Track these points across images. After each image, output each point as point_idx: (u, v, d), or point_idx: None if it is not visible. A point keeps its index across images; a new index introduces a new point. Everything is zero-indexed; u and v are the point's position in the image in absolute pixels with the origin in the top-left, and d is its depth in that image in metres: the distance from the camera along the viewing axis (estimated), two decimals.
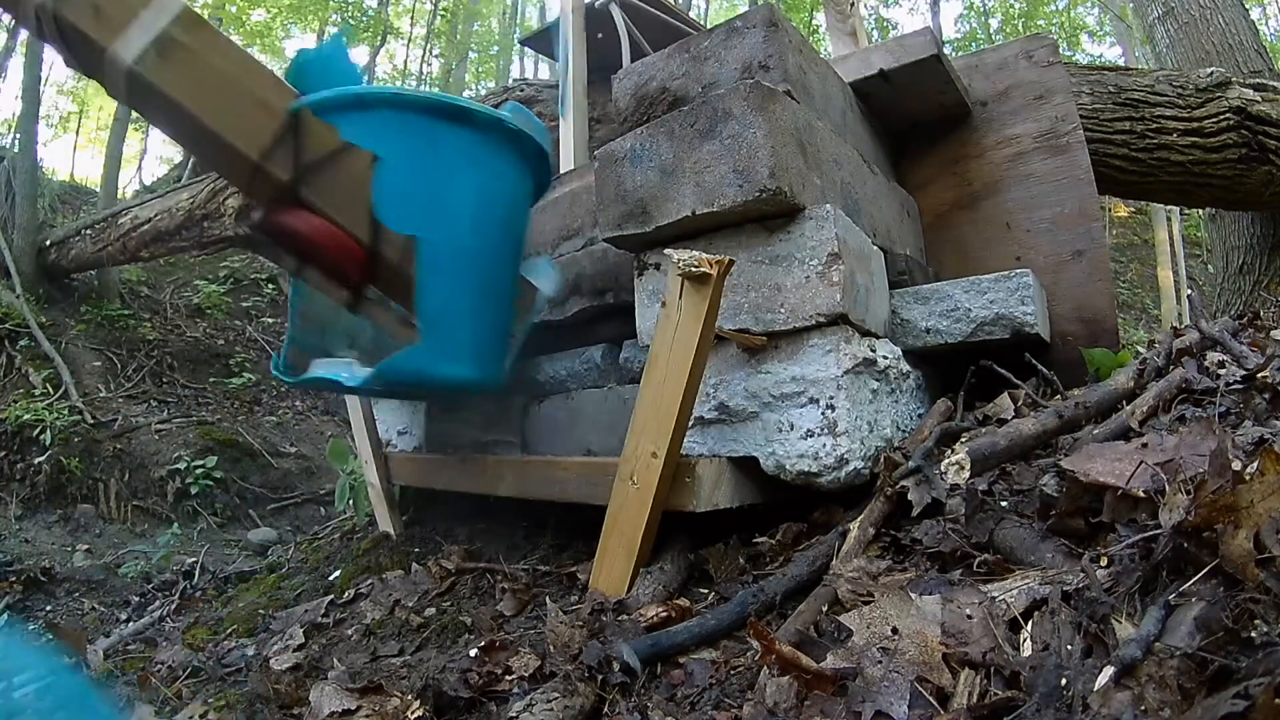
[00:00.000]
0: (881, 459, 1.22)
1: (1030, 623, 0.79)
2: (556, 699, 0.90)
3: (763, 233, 1.33)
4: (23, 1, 1.13)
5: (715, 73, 1.54)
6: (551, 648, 1.05)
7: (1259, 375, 1.22)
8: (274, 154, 1.31)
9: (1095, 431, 1.21)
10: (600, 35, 3.15)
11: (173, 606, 2.74)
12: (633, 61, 1.78)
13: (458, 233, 1.52)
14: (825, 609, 0.98)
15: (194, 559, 3.67)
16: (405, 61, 16.70)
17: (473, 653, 1.10)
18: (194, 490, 4.57)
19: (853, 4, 3.73)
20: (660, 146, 1.37)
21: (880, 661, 0.78)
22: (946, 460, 1.17)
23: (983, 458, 1.17)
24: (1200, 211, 5.47)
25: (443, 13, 15.21)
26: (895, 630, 0.82)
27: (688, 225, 1.36)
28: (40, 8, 1.12)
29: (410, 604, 1.49)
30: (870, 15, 14.59)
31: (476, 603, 1.47)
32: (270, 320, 7.17)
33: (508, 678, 1.04)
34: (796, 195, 1.27)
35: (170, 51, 1.21)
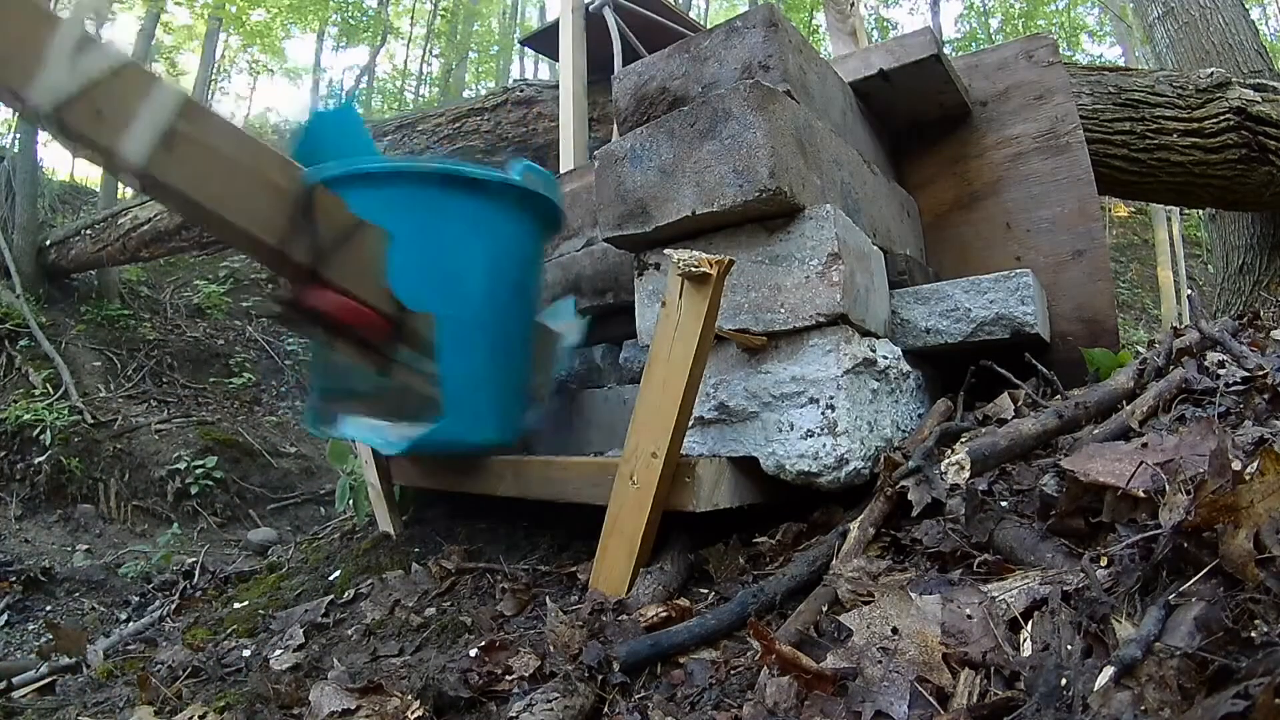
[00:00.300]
0: (881, 459, 1.23)
1: (1030, 623, 0.79)
2: (556, 699, 0.90)
3: (762, 233, 1.33)
4: (26, 105, 1.12)
5: (715, 73, 1.54)
6: (551, 648, 1.05)
7: (1259, 375, 1.22)
8: (291, 237, 1.31)
9: (1095, 431, 1.21)
10: (599, 36, 3.14)
11: (173, 606, 2.74)
12: (625, 64, 1.78)
13: (473, 305, 1.58)
14: (825, 609, 0.98)
15: (194, 559, 3.67)
16: (405, 61, 16.71)
17: (473, 653, 1.10)
18: (194, 490, 4.58)
19: (853, 4, 3.73)
20: (660, 146, 1.37)
21: (880, 661, 0.78)
22: (946, 460, 1.17)
23: (983, 458, 1.17)
24: (1200, 211, 5.47)
25: (443, 13, 15.22)
26: (895, 630, 0.82)
27: (688, 225, 1.37)
28: (46, 117, 1.10)
29: (410, 604, 1.49)
30: (870, 15, 14.60)
31: (476, 603, 1.47)
32: (270, 320, 7.17)
33: (508, 678, 1.04)
34: (796, 195, 1.27)
35: (176, 146, 1.18)
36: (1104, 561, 0.84)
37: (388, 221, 1.40)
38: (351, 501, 2.35)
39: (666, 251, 1.18)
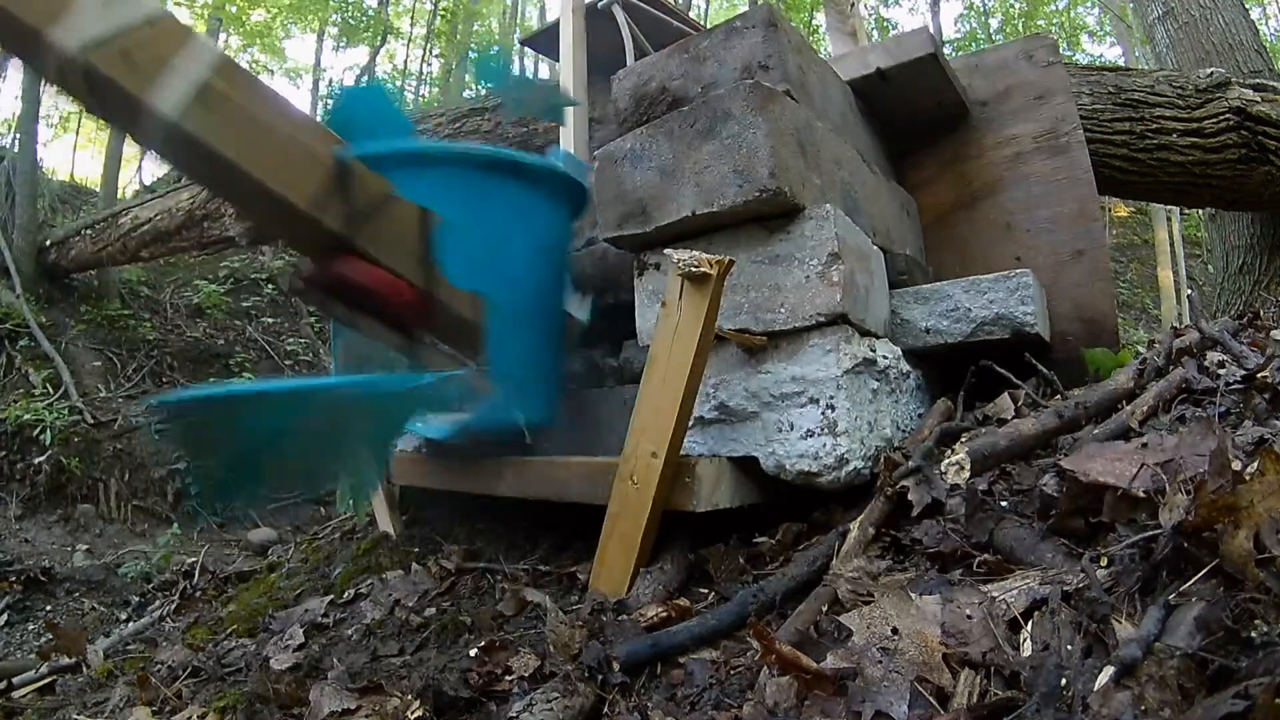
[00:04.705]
0: (881, 459, 1.22)
1: (1030, 623, 0.79)
2: (556, 699, 0.90)
3: (762, 233, 1.33)
4: (46, 55, 1.07)
5: (715, 73, 1.54)
6: (551, 648, 1.05)
7: (1259, 375, 1.22)
8: (324, 204, 1.29)
9: (1095, 431, 1.21)
10: (600, 35, 3.14)
11: (173, 606, 2.74)
12: (634, 61, 1.78)
13: (521, 285, 1.61)
14: (825, 609, 0.98)
15: (194, 559, 3.67)
16: (405, 61, 16.70)
17: (473, 653, 1.10)
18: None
19: (853, 4, 3.73)
20: (660, 147, 1.37)
21: (880, 661, 0.78)
22: (946, 460, 1.17)
23: (983, 457, 1.17)
24: (1200, 211, 5.47)
25: (443, 13, 15.21)
26: (895, 630, 0.82)
27: (688, 225, 1.36)
28: (68, 60, 1.06)
29: (410, 604, 1.49)
30: (870, 15, 14.59)
31: (476, 603, 1.47)
32: (270, 320, 7.17)
33: (508, 678, 1.04)
34: (797, 195, 1.27)
35: (211, 102, 1.15)
36: (1104, 561, 0.84)
37: (440, 203, 1.41)
38: (351, 501, 2.35)
39: (666, 251, 1.18)
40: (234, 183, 1.23)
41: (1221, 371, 1.30)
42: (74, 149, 14.92)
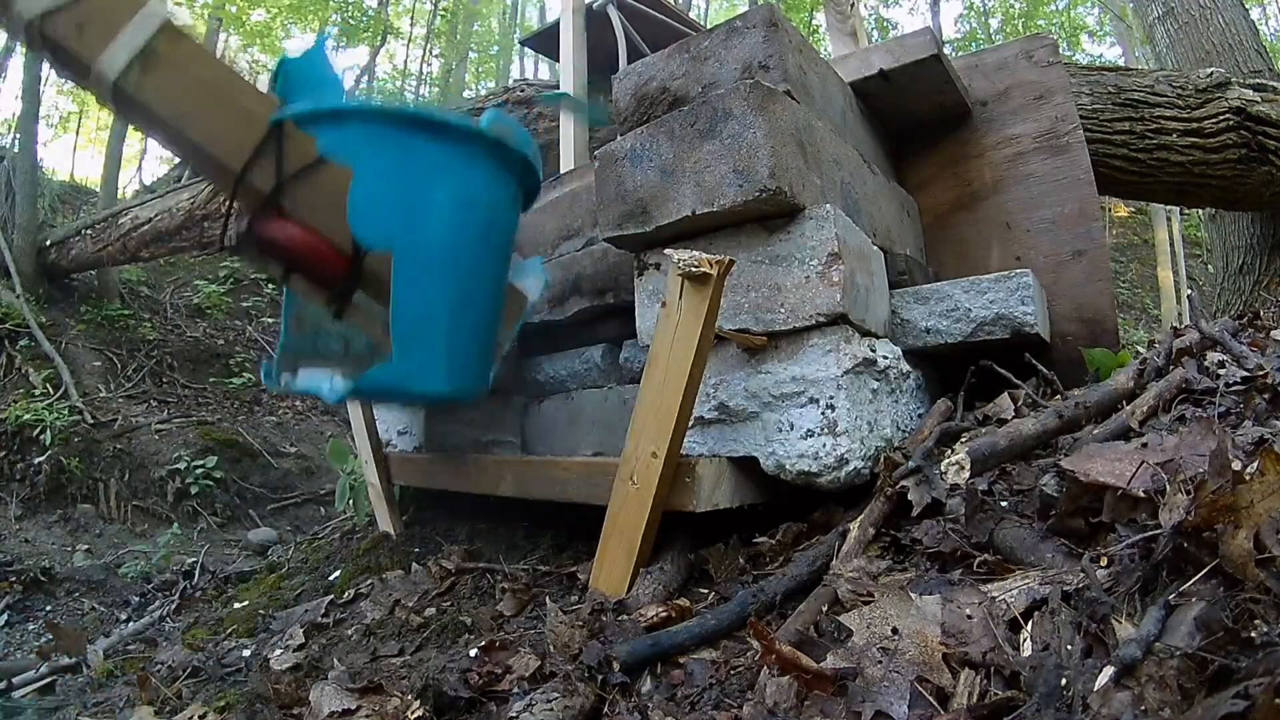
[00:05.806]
0: (881, 459, 1.23)
1: (1030, 623, 0.79)
2: (556, 699, 0.90)
3: (762, 233, 1.33)
4: (14, 19, 1.16)
5: (715, 73, 1.54)
6: (551, 648, 1.05)
7: (1259, 375, 1.22)
8: (255, 165, 1.33)
9: (1095, 431, 1.21)
10: (600, 36, 3.15)
11: (173, 606, 2.74)
12: (630, 63, 1.78)
13: (432, 246, 1.52)
14: (825, 609, 0.98)
15: (194, 559, 3.67)
16: (405, 61, 16.71)
17: (473, 653, 1.10)
18: (194, 490, 4.57)
19: (853, 4, 3.73)
20: (660, 146, 1.37)
21: (880, 661, 0.78)
22: (946, 460, 1.17)
23: (983, 458, 1.17)
24: (1200, 211, 5.47)
25: (443, 13, 15.22)
26: (895, 630, 0.82)
27: (688, 225, 1.37)
28: (29, 25, 1.14)
29: (410, 604, 1.49)
30: (870, 15, 14.59)
31: (476, 603, 1.47)
32: (270, 320, 7.17)
33: (508, 678, 1.04)
34: (796, 195, 1.27)
35: (153, 65, 1.23)
36: (1104, 561, 0.84)
37: (351, 157, 1.40)
38: (351, 501, 2.35)
39: (667, 251, 1.18)
40: (174, 140, 1.32)
41: (1221, 371, 1.30)
42: (74, 149, 14.94)
